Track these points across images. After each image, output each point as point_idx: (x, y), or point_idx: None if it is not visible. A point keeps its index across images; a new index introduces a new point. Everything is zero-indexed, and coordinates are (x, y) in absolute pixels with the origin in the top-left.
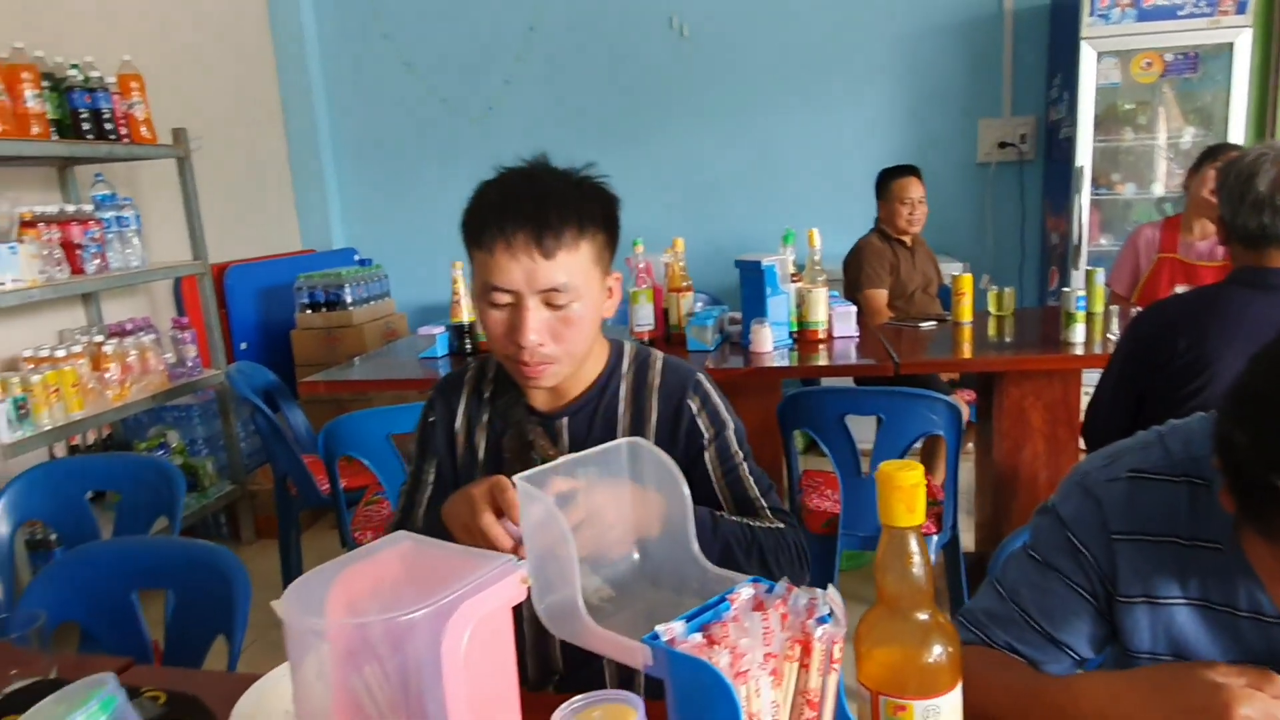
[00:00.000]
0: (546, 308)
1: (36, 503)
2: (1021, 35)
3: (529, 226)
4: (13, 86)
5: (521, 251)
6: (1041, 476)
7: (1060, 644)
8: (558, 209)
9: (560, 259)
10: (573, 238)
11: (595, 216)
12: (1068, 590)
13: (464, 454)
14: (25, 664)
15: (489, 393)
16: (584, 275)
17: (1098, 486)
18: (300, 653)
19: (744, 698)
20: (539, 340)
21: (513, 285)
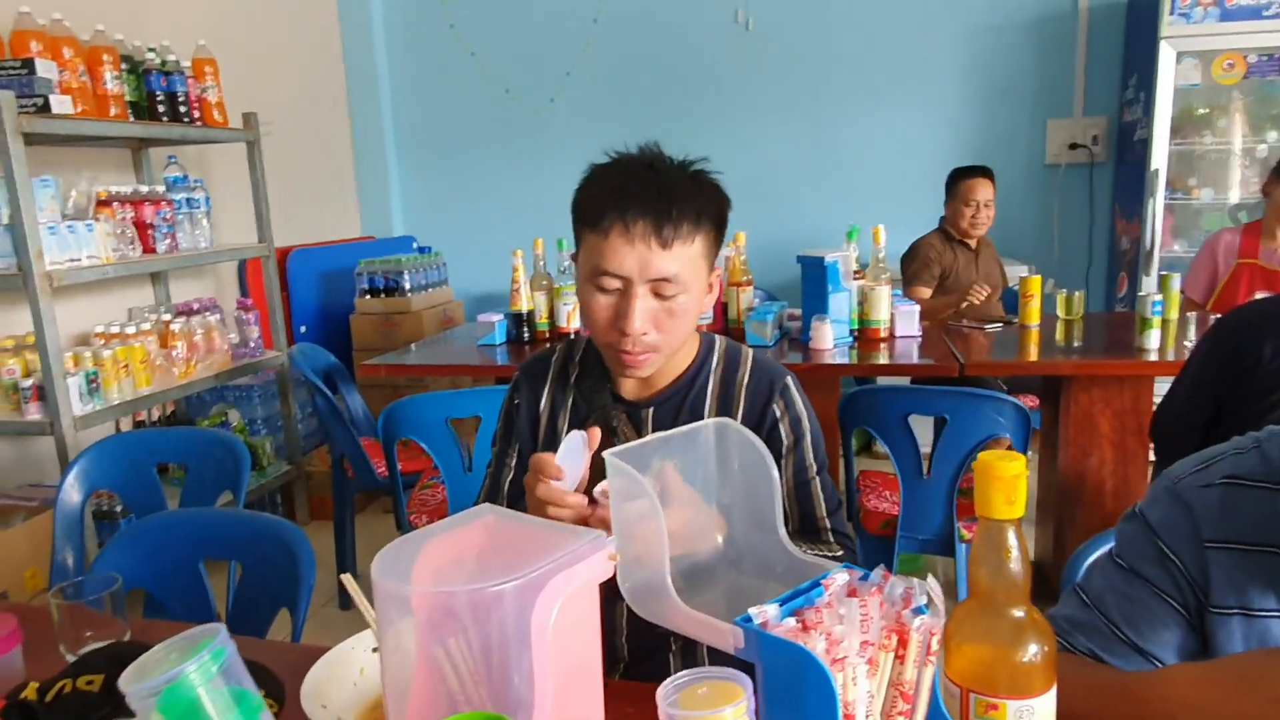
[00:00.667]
0: (654, 297)
1: (107, 473)
2: (1096, 33)
3: (650, 216)
4: (94, 69)
5: (639, 239)
6: (1109, 485)
7: (1146, 654)
8: (679, 202)
9: (675, 251)
10: (689, 231)
11: (710, 213)
12: (1156, 599)
13: (546, 437)
14: (100, 626)
15: (574, 376)
16: (693, 269)
17: (1190, 492)
18: (388, 619)
19: (840, 685)
20: (644, 329)
21: (625, 272)
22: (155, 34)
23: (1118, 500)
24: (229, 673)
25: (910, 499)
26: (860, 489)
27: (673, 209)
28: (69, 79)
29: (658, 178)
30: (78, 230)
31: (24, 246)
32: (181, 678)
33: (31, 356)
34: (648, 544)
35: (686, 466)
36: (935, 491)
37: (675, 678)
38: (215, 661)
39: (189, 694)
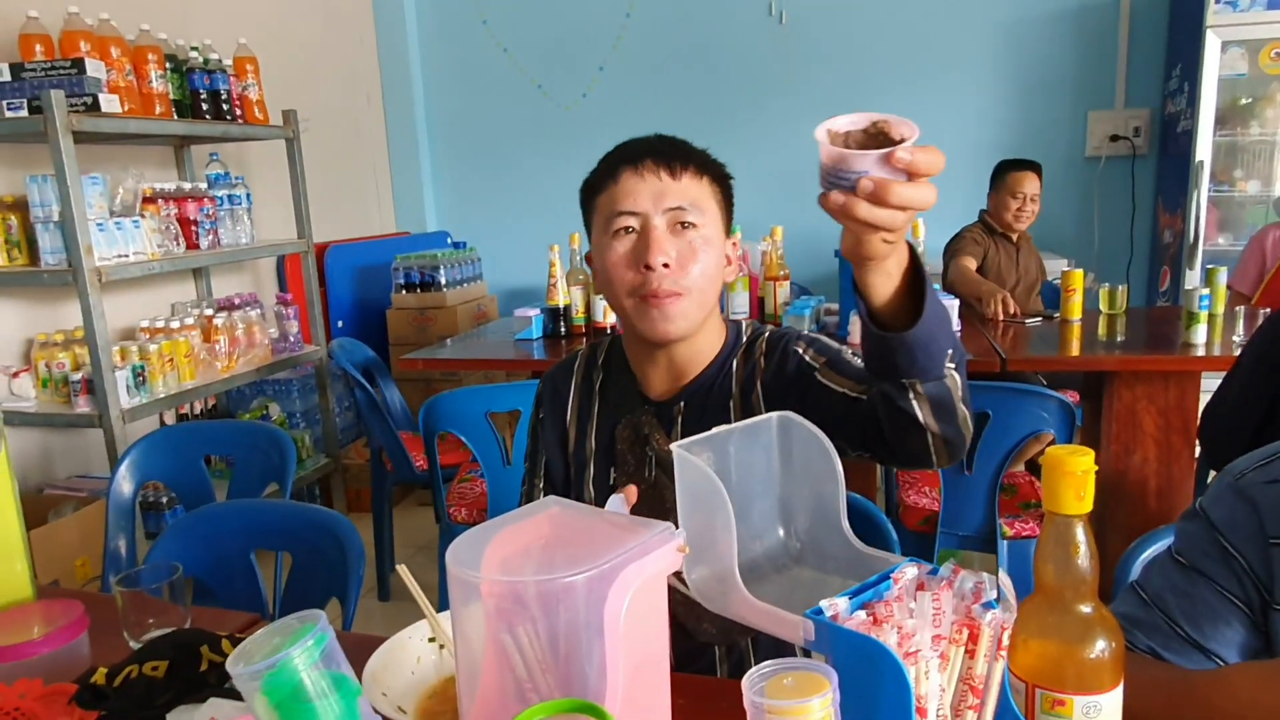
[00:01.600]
0: (672, 231)
1: (157, 464)
2: (1139, 23)
3: (655, 154)
4: (139, 68)
5: (649, 172)
6: (1152, 484)
7: (1209, 652)
8: (683, 146)
9: (687, 181)
10: (697, 170)
11: (713, 169)
12: (1218, 597)
13: (576, 448)
14: (161, 613)
15: (600, 381)
16: (709, 211)
17: (1253, 488)
18: (461, 606)
19: (913, 679)
20: (666, 260)
21: (640, 206)
22: (198, 33)
23: (1161, 499)
24: (329, 658)
25: (951, 495)
26: (899, 484)
27: (676, 149)
28: (116, 78)
29: (660, 138)
30: (125, 226)
31: (74, 242)
32: (286, 661)
33: (80, 350)
34: (714, 536)
35: (749, 459)
36: (976, 487)
37: (759, 668)
38: (318, 647)
39: (293, 677)
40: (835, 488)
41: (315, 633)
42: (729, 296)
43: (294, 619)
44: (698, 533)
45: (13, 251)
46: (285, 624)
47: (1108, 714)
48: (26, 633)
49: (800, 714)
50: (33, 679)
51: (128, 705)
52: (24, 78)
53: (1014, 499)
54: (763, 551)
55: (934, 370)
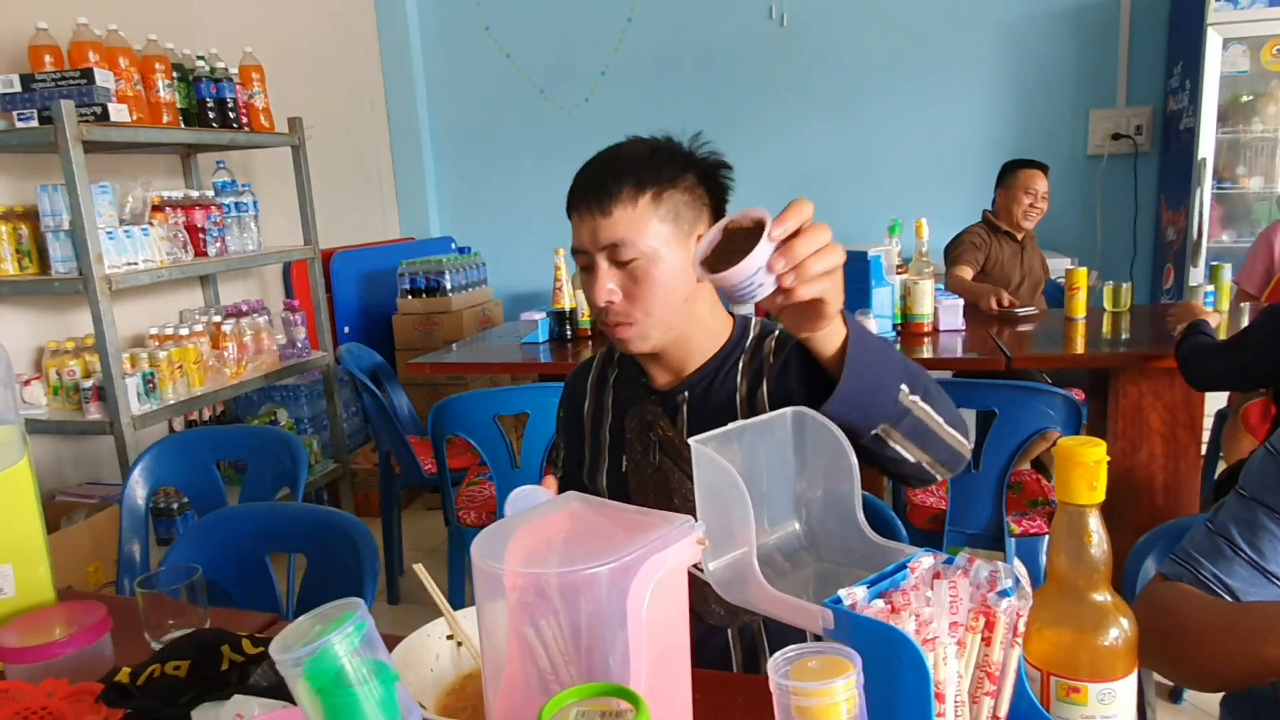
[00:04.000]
0: (615, 267)
1: (169, 469)
2: (1140, 21)
3: (587, 191)
4: (147, 77)
5: (586, 211)
6: (1159, 480)
7: (1269, 573)
8: (615, 171)
9: (617, 215)
10: (630, 195)
11: (661, 177)
12: (1277, 524)
13: (592, 439)
14: (180, 614)
15: (614, 376)
16: (649, 233)
17: None
18: (486, 600)
19: (931, 665)
20: (609, 298)
21: (582, 244)
22: (204, 42)
23: (1169, 495)
24: (369, 644)
25: (958, 493)
26: None
27: (608, 178)
28: (124, 88)
29: (606, 155)
30: (134, 235)
31: (84, 251)
32: (327, 647)
33: (91, 358)
34: (732, 529)
35: (765, 454)
36: (984, 485)
37: (784, 652)
38: (358, 633)
39: (334, 663)
40: (850, 481)
41: (355, 619)
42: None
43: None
44: (716, 526)
45: (23, 260)
46: (324, 612)
47: (1122, 700)
48: (50, 634)
49: (825, 695)
50: (58, 679)
51: (153, 703)
52: (34, 88)
53: (1021, 496)
54: (779, 544)
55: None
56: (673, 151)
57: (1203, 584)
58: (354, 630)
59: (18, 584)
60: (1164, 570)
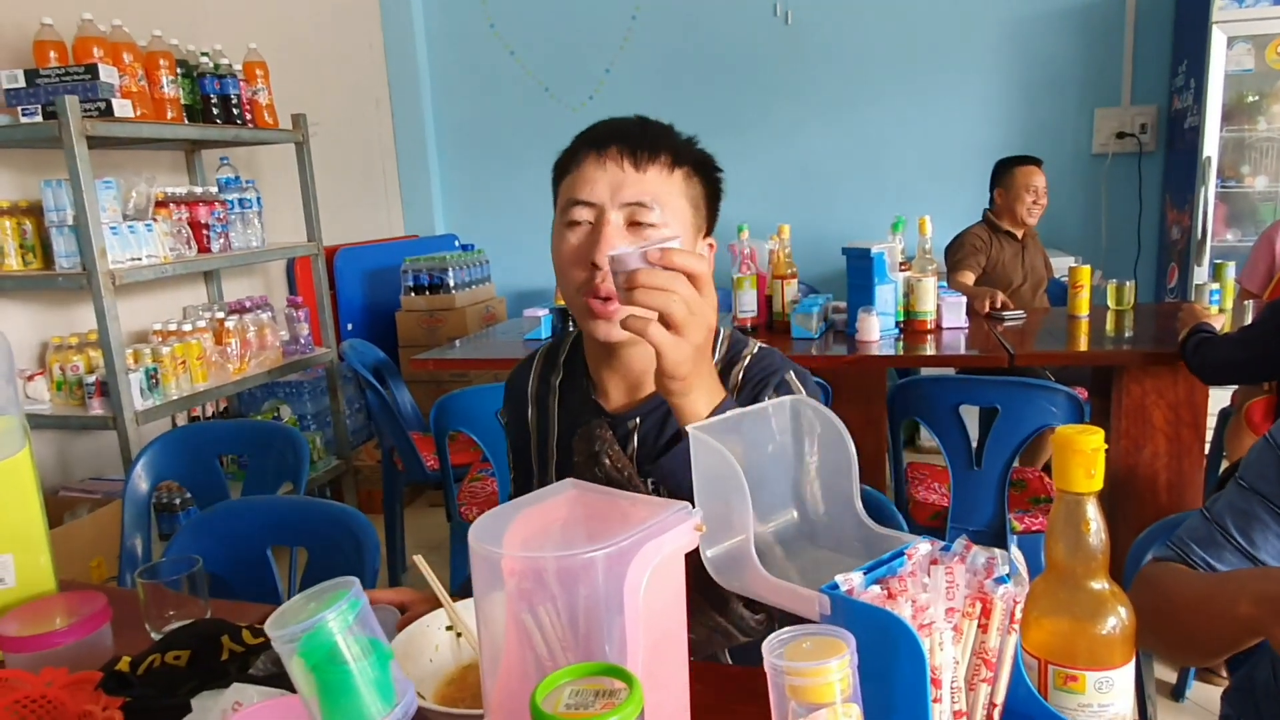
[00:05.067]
0: (628, 230)
1: (172, 463)
2: (1145, 20)
3: (622, 140)
4: (151, 73)
5: (611, 161)
6: (1162, 478)
7: (1257, 561)
8: (656, 133)
9: (652, 175)
10: (667, 161)
11: (693, 161)
12: (1270, 513)
13: (539, 451)
14: (181, 606)
15: (559, 381)
16: (675, 208)
17: None
18: (483, 584)
19: (927, 650)
20: None
21: (596, 197)
22: (209, 38)
23: (1171, 494)
24: (363, 622)
25: (961, 490)
26: (909, 480)
27: (647, 135)
28: (128, 83)
29: (640, 119)
30: (138, 230)
31: (88, 246)
32: (321, 624)
33: (94, 353)
34: (730, 516)
35: (763, 441)
36: (986, 482)
37: (778, 634)
38: (352, 611)
39: (328, 640)
40: (848, 469)
41: (349, 597)
42: (736, 295)
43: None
44: (714, 513)
45: (27, 256)
46: (319, 590)
47: (1120, 689)
48: (50, 623)
49: (819, 675)
50: (58, 668)
51: (152, 692)
52: (38, 84)
53: (1024, 494)
54: (776, 532)
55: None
56: (695, 141)
57: (1192, 568)
58: (348, 608)
59: (18, 574)
60: (1157, 554)
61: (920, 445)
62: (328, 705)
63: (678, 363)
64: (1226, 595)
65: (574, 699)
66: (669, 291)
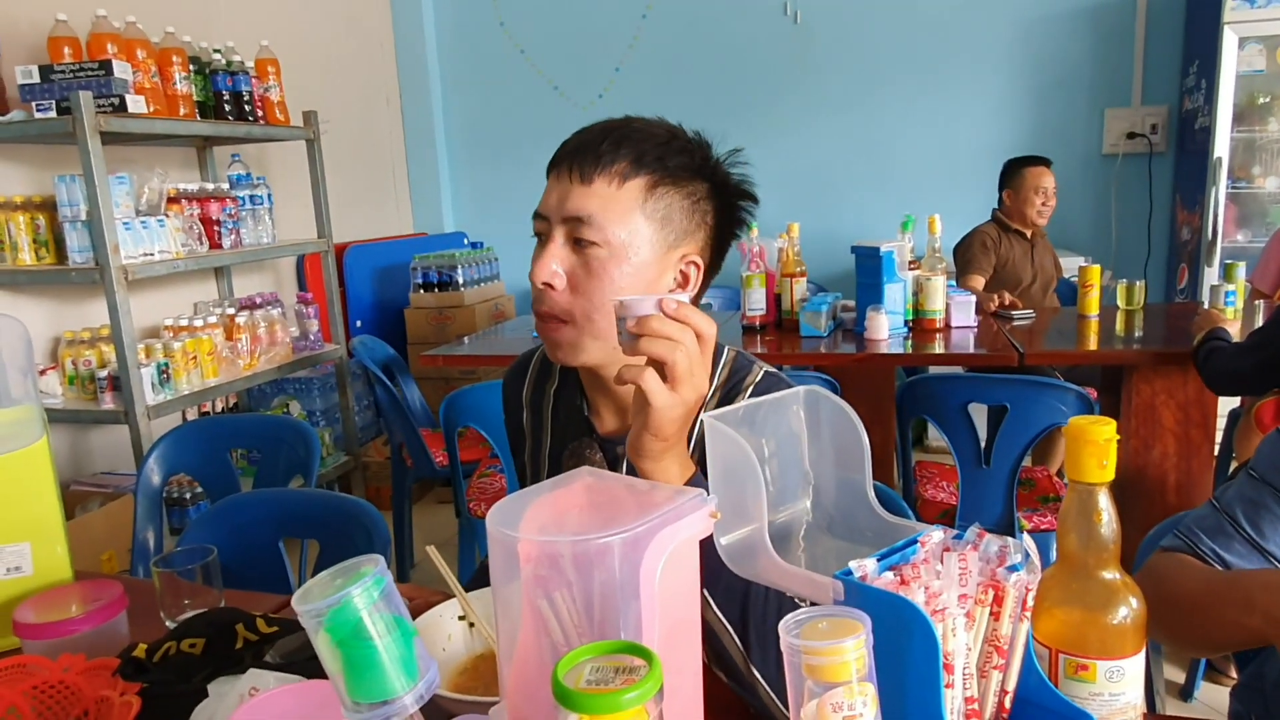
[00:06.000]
0: (571, 246)
1: (184, 456)
2: (1156, 20)
3: (576, 151)
4: (164, 69)
5: (565, 174)
6: (1171, 479)
7: (1266, 552)
8: (617, 139)
9: (596, 188)
10: (621, 171)
11: (666, 167)
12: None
13: (532, 460)
14: (196, 595)
15: (553, 389)
16: (625, 223)
17: None
18: (501, 569)
19: (940, 635)
20: (550, 278)
21: (545, 209)
22: (221, 35)
23: (1180, 494)
24: (388, 599)
25: (969, 488)
26: (917, 478)
27: (603, 145)
28: (142, 80)
29: (620, 123)
30: (150, 226)
31: (101, 241)
32: (347, 599)
33: (106, 348)
34: (745, 503)
35: (777, 431)
36: (995, 481)
37: (795, 614)
38: (376, 587)
39: (354, 615)
40: (861, 460)
41: (375, 574)
42: (745, 294)
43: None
44: (728, 501)
45: (40, 250)
46: (345, 567)
47: (1130, 678)
48: (67, 611)
49: (835, 654)
50: (75, 655)
51: (169, 678)
52: (53, 79)
53: (1033, 492)
54: (789, 521)
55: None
56: (694, 148)
57: (1201, 558)
58: (373, 584)
59: (35, 562)
60: (1165, 544)
61: (928, 445)
62: (353, 679)
63: (667, 420)
64: (1236, 602)
65: (594, 675)
66: (676, 342)
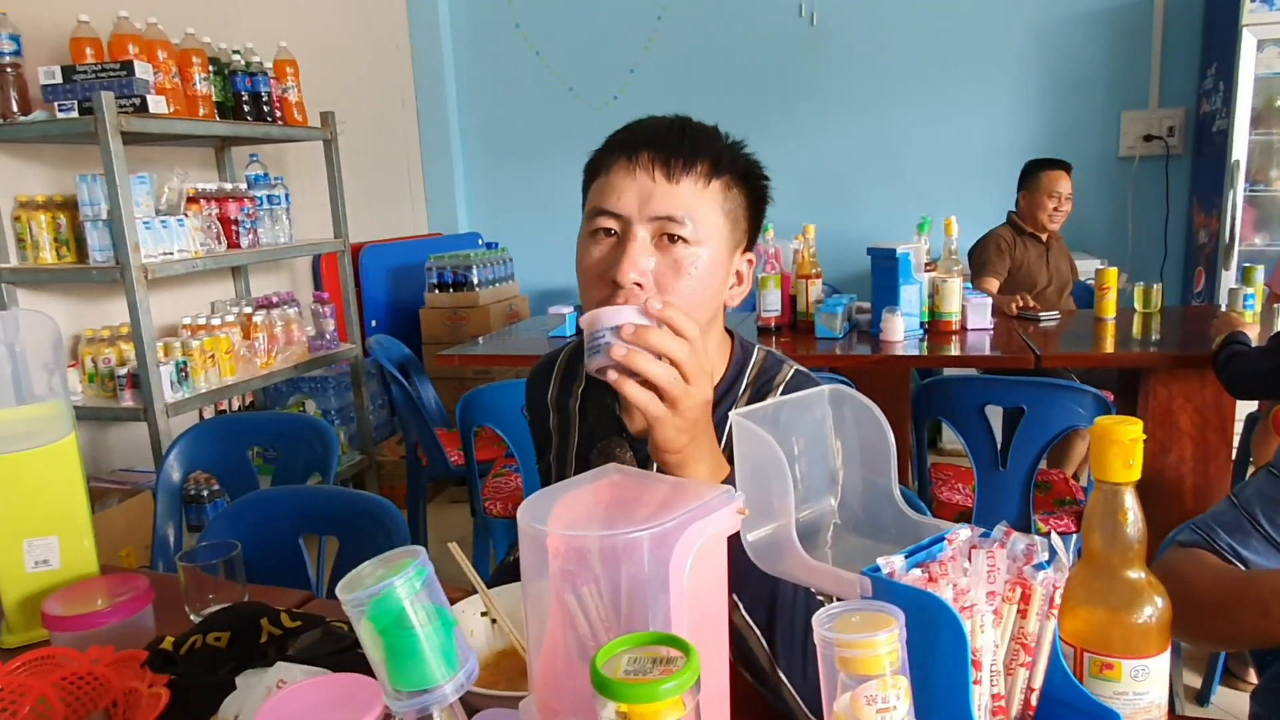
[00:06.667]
0: (656, 246)
1: (203, 454)
2: (1173, 22)
3: (656, 146)
4: (185, 70)
5: (642, 169)
6: (1189, 482)
7: None
8: (695, 139)
9: (684, 187)
10: (704, 171)
11: (738, 170)
12: None
13: (558, 460)
14: (220, 590)
15: (580, 389)
16: (710, 223)
17: None
18: (530, 563)
19: (969, 632)
20: (638, 277)
21: (623, 209)
22: (240, 36)
23: (1198, 498)
24: (429, 589)
25: (985, 491)
26: (933, 480)
27: (684, 143)
28: (162, 80)
29: (684, 120)
30: (170, 225)
31: (121, 240)
32: (390, 589)
33: (126, 346)
34: (771, 501)
35: (803, 429)
36: (1011, 483)
37: (828, 608)
38: (419, 578)
39: (396, 605)
40: (887, 457)
41: (417, 564)
42: (760, 295)
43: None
44: (755, 498)
45: (62, 249)
46: (387, 558)
47: (1155, 677)
48: (93, 604)
49: (868, 648)
50: (102, 647)
51: (195, 670)
52: (75, 80)
53: (1049, 495)
54: (815, 519)
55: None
56: (742, 147)
57: (1218, 553)
58: (415, 575)
59: (63, 556)
60: (1182, 538)
61: (942, 447)
62: (394, 667)
63: (671, 436)
64: (1253, 606)
65: (632, 665)
66: (663, 359)
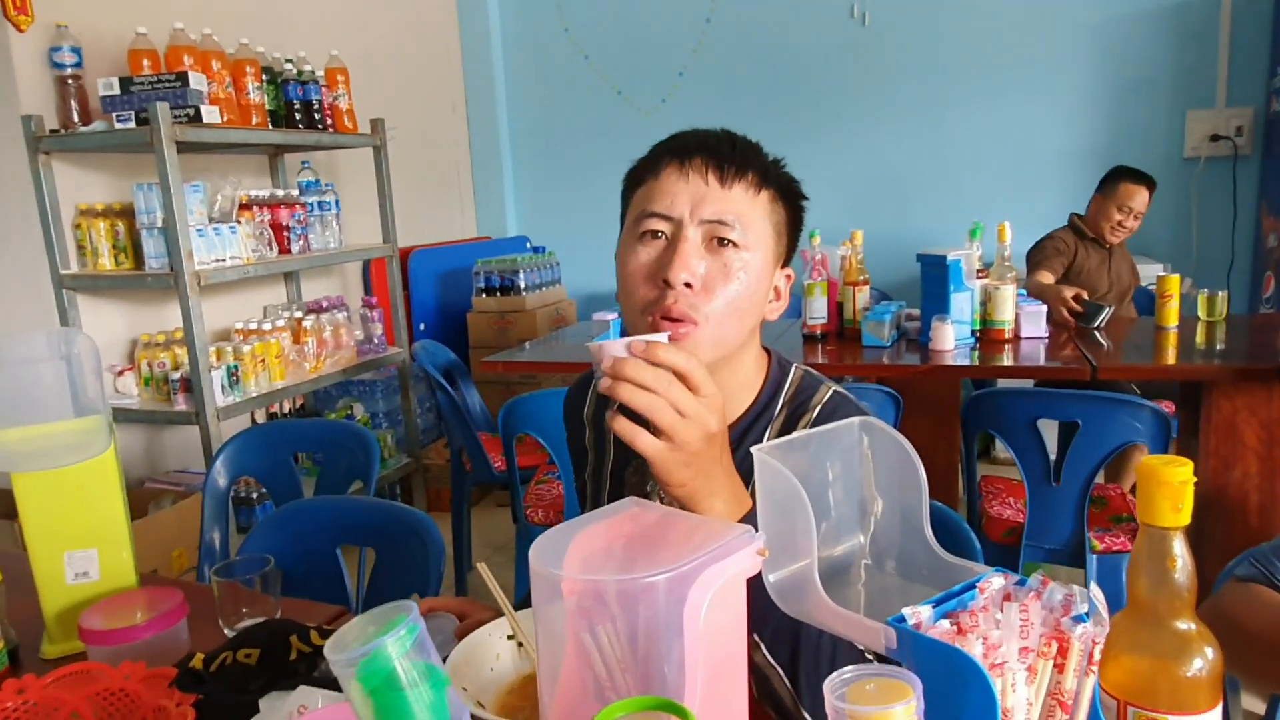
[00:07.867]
0: (706, 249)
1: (250, 459)
2: (1241, 18)
3: (709, 152)
4: (238, 80)
5: (695, 173)
6: (1253, 500)
7: None
8: (745, 149)
9: (737, 192)
10: (755, 180)
11: (779, 184)
12: None
13: (594, 477)
14: (253, 603)
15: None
16: (759, 231)
17: None
18: (544, 604)
19: (999, 691)
20: (689, 278)
21: (675, 211)
22: (293, 45)
23: (1263, 517)
24: (421, 648)
25: (1037, 507)
26: (982, 494)
27: (736, 151)
28: (216, 90)
29: (728, 133)
30: (222, 232)
31: (176, 248)
32: (380, 649)
33: (180, 351)
34: (794, 539)
35: (830, 463)
36: (1065, 499)
37: (841, 673)
38: (410, 636)
39: (386, 665)
40: (918, 493)
41: (408, 623)
42: (806, 302)
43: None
44: (777, 536)
45: (120, 256)
46: (379, 613)
47: None
48: (130, 618)
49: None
50: (136, 662)
51: (223, 689)
52: (132, 91)
53: (1104, 511)
54: (842, 556)
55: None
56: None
57: (1277, 588)
58: (406, 634)
59: (102, 568)
60: (1239, 572)
61: (995, 456)
62: None
63: (672, 469)
64: None
65: None
66: (655, 394)
